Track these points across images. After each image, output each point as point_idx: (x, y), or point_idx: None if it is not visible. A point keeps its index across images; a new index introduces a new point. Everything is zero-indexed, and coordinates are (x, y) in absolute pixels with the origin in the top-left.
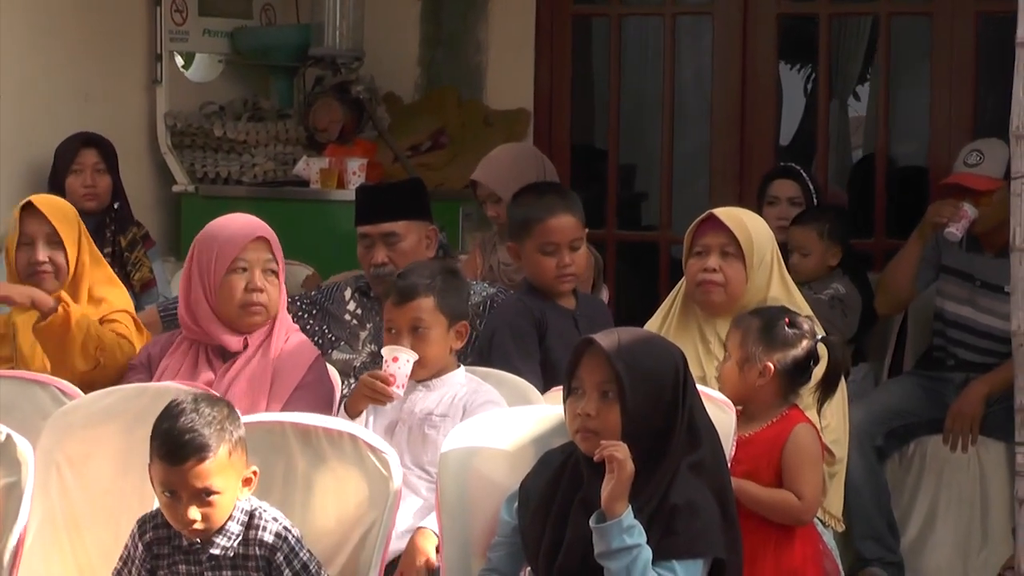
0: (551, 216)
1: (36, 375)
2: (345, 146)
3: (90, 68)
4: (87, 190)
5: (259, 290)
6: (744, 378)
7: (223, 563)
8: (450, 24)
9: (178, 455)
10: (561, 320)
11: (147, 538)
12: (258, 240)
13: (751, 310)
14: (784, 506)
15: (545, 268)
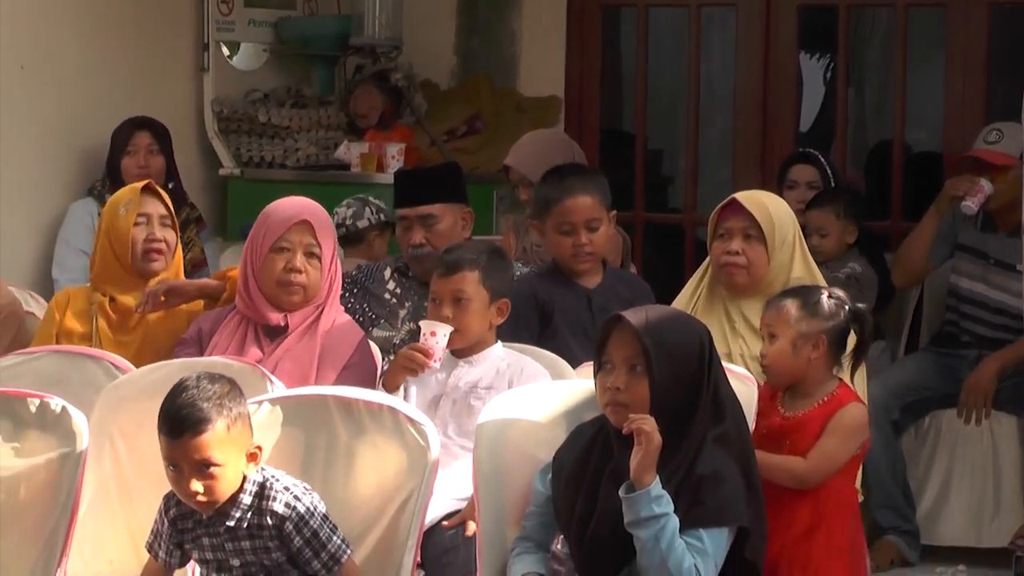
0: (568, 196)
1: (90, 350)
2: (384, 131)
3: (141, 57)
4: (141, 170)
5: (297, 271)
6: (798, 355)
7: (239, 533)
8: (485, 15)
9: (177, 429)
10: (572, 301)
11: (171, 514)
12: (301, 223)
13: (782, 291)
14: (786, 469)
15: (562, 247)
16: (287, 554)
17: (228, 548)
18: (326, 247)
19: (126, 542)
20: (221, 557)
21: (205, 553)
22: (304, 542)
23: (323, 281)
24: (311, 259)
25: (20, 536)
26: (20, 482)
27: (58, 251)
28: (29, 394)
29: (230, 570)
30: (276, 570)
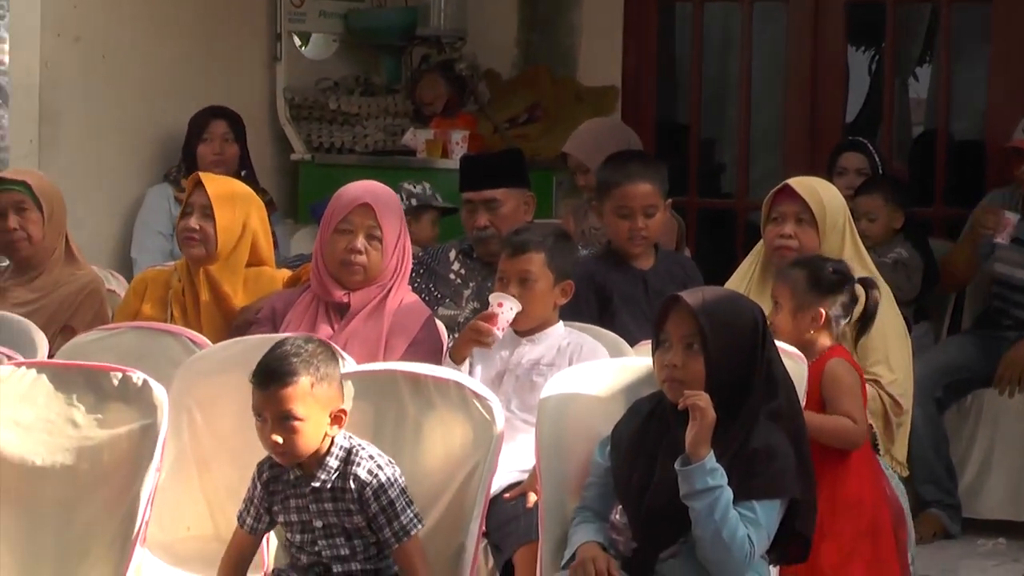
0: (628, 182)
1: (168, 326)
2: (449, 119)
3: (216, 47)
4: (216, 157)
5: (357, 251)
6: (798, 326)
7: (323, 495)
8: (546, 7)
9: (265, 380)
10: (628, 283)
11: (264, 477)
12: (363, 206)
13: (793, 261)
14: (842, 431)
15: (620, 230)
16: (365, 519)
17: (312, 509)
18: (388, 230)
19: (203, 510)
20: (305, 518)
21: (290, 515)
22: (380, 509)
23: (386, 262)
24: (372, 241)
25: (102, 503)
26: (103, 452)
27: (136, 233)
28: (112, 368)
29: (312, 531)
30: (355, 533)
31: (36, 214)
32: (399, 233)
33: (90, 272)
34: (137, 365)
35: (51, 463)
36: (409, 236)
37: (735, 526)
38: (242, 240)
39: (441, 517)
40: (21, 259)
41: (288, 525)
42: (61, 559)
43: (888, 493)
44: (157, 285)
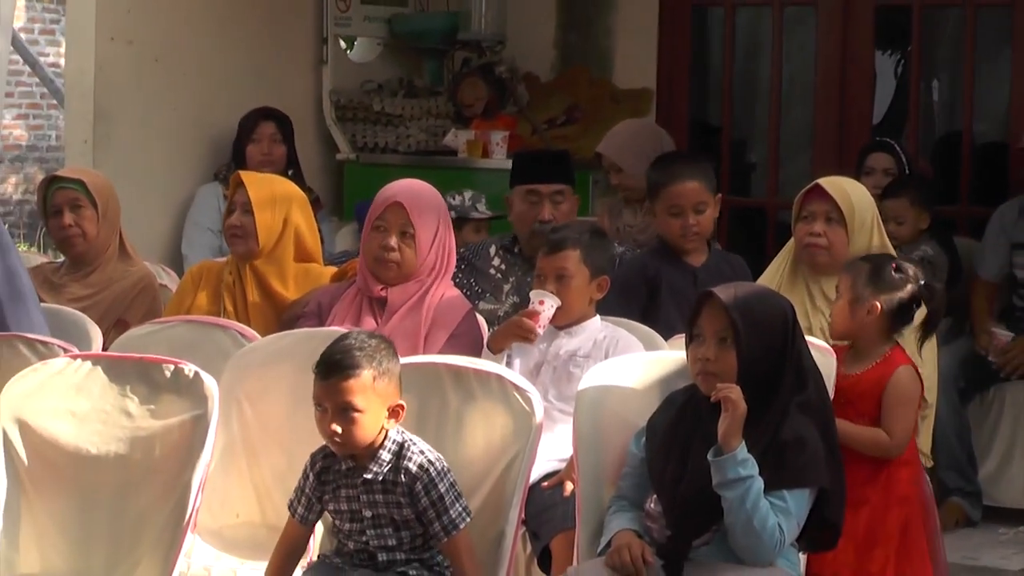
0: (677, 181)
1: (219, 320)
2: (489, 120)
3: (265, 50)
4: (264, 157)
5: (390, 248)
6: (853, 315)
7: (375, 487)
8: (583, 12)
9: (327, 371)
10: (679, 277)
11: (317, 468)
12: (396, 205)
13: (862, 256)
14: (874, 442)
15: (672, 227)
16: (415, 512)
17: (363, 500)
18: (422, 229)
19: (251, 497)
20: (355, 508)
21: (340, 504)
22: (430, 503)
23: (421, 259)
24: (405, 238)
25: (155, 491)
26: (155, 441)
27: (187, 229)
28: (165, 360)
29: (361, 520)
30: (403, 524)
31: (91, 211)
32: (435, 231)
33: (143, 268)
34: (188, 357)
35: (105, 452)
36: (453, 235)
37: (765, 514)
38: (284, 236)
39: (482, 505)
40: (76, 255)
41: (337, 514)
42: (114, 544)
43: (924, 478)
44: (212, 276)
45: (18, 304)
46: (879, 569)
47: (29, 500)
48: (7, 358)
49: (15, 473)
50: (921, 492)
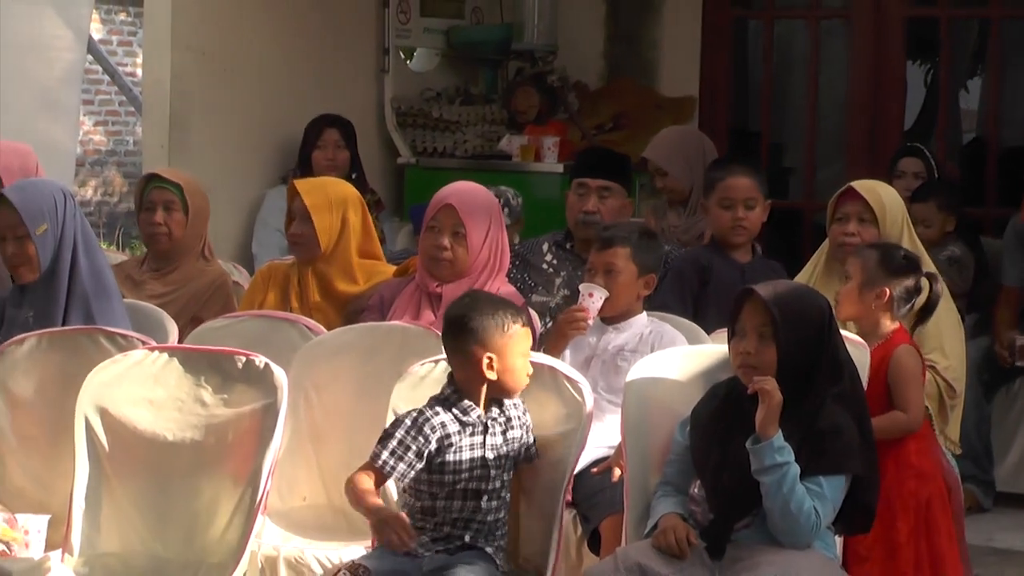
0: (731, 176)
1: (287, 314)
2: (541, 126)
3: (330, 59)
4: (328, 162)
5: (443, 248)
6: (862, 299)
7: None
8: (629, 24)
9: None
10: (728, 271)
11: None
12: (448, 207)
13: (871, 244)
14: (894, 425)
15: (723, 220)
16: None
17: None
18: (473, 228)
19: (317, 481)
20: (478, 455)
21: (463, 453)
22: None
23: (473, 258)
24: (457, 238)
25: (228, 475)
26: (228, 429)
27: (257, 230)
28: (237, 352)
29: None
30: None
31: (181, 215)
32: (487, 230)
33: (219, 268)
34: (259, 350)
35: (181, 438)
36: (506, 234)
37: (802, 499)
38: (344, 235)
39: (535, 488)
40: (159, 251)
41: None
42: (190, 526)
43: (945, 465)
44: (279, 276)
45: (103, 300)
46: (906, 540)
47: (109, 483)
48: (90, 350)
49: (96, 458)
50: (939, 470)
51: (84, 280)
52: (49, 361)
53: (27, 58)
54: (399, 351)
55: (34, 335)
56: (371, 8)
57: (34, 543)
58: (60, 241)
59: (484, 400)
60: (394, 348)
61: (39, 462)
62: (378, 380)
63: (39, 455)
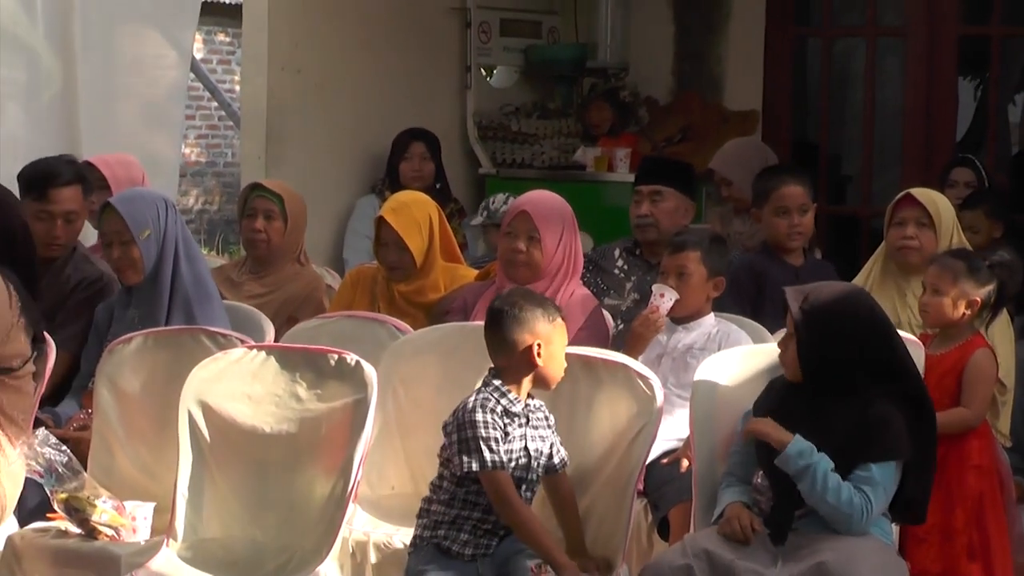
0: (784, 185)
1: (376, 315)
2: (613, 139)
3: (415, 77)
4: (415, 173)
5: (518, 251)
6: (956, 311)
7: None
8: (696, 43)
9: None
10: (783, 274)
11: (499, 411)
12: (523, 214)
13: (950, 253)
14: (959, 419)
15: (778, 227)
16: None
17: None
18: (547, 233)
19: (405, 472)
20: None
21: (514, 443)
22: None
23: (547, 261)
24: (532, 243)
25: (321, 466)
26: (322, 422)
27: (348, 237)
28: (330, 350)
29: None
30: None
31: (280, 224)
32: (560, 235)
33: (312, 272)
34: (350, 348)
35: (277, 431)
36: (580, 239)
37: (838, 490)
38: (432, 246)
39: (607, 477)
40: (257, 256)
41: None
42: (285, 513)
43: (1001, 461)
44: (367, 280)
45: (203, 301)
46: (962, 527)
47: (211, 473)
48: (193, 348)
49: (199, 449)
50: (995, 465)
51: (185, 282)
52: (155, 359)
53: (134, 76)
54: (480, 349)
55: (140, 334)
56: (454, 28)
57: (141, 529)
58: (162, 246)
59: (525, 392)
60: (476, 346)
61: (145, 453)
62: (461, 376)
63: (145, 447)
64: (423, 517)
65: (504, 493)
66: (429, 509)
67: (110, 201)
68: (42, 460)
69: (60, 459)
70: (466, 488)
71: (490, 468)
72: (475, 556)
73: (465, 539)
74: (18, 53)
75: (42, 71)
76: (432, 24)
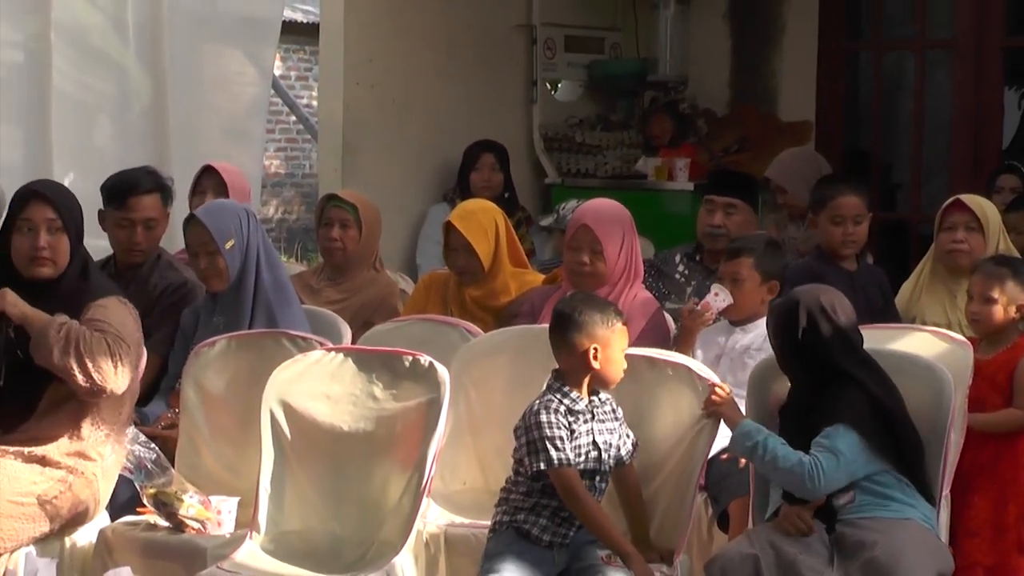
0: (841, 195)
1: (448, 318)
2: (673, 149)
3: (484, 91)
4: (484, 183)
5: (583, 264)
6: (1006, 316)
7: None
8: (752, 57)
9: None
10: (840, 279)
11: (563, 410)
12: (584, 227)
13: (993, 260)
14: (1010, 420)
15: (834, 235)
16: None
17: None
18: (609, 243)
19: (476, 468)
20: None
21: (581, 438)
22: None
23: (610, 268)
24: (595, 254)
25: (397, 462)
26: (397, 420)
27: (420, 243)
28: (404, 352)
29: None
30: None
31: (355, 232)
32: (621, 241)
33: (387, 278)
34: (423, 350)
35: (355, 429)
36: (637, 240)
37: (787, 456)
38: (499, 250)
39: (670, 471)
40: (334, 264)
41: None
42: (363, 507)
43: None
44: (439, 285)
45: (284, 306)
46: (1013, 522)
47: (292, 469)
48: (274, 350)
49: (280, 446)
50: None
51: (267, 289)
52: (238, 361)
53: (217, 93)
54: (547, 350)
55: (224, 337)
56: (521, 45)
57: (225, 522)
58: (245, 255)
59: (587, 390)
60: (543, 348)
61: (229, 450)
62: (529, 376)
63: (229, 444)
64: (502, 504)
65: (572, 488)
66: (508, 498)
67: (195, 213)
68: (132, 457)
69: (149, 456)
70: (542, 481)
71: (557, 466)
72: (552, 544)
73: (544, 524)
74: (109, 69)
75: (132, 86)
76: (500, 41)
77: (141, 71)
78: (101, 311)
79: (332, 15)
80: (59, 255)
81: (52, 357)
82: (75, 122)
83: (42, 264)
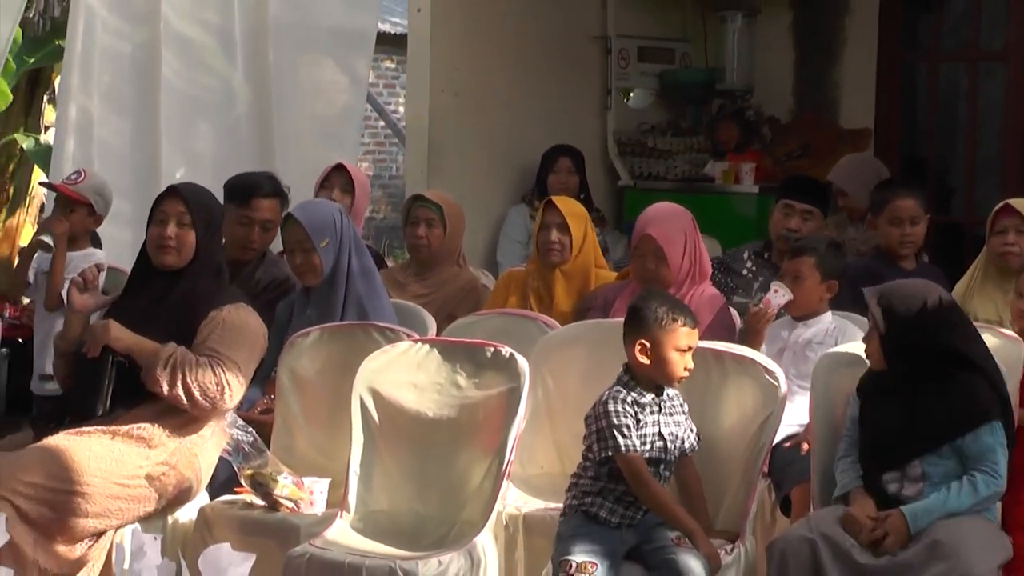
0: (898, 198)
1: (527, 312)
2: (740, 154)
3: (561, 99)
4: (561, 186)
5: (648, 269)
6: None
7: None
8: (814, 67)
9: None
10: (899, 278)
11: (630, 400)
12: (647, 236)
13: None
14: None
15: (892, 236)
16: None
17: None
18: (671, 247)
19: (552, 453)
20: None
21: (647, 428)
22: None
23: (675, 269)
24: (660, 262)
25: (479, 447)
26: (479, 408)
27: (501, 241)
28: (486, 344)
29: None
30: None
31: (439, 230)
32: (684, 245)
33: (470, 274)
34: (504, 342)
35: (440, 416)
36: (701, 240)
37: (961, 496)
38: (586, 243)
39: (736, 460)
40: (420, 260)
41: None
42: (446, 489)
43: None
44: (519, 281)
45: (374, 300)
46: None
47: (379, 453)
48: (364, 341)
49: (369, 431)
50: None
51: (358, 284)
52: (330, 350)
53: (312, 100)
54: (619, 343)
55: (317, 328)
56: (597, 55)
57: (318, 502)
58: (338, 252)
59: (651, 385)
60: (614, 341)
61: (321, 434)
62: (603, 367)
63: (321, 428)
64: (572, 490)
65: (638, 473)
66: (577, 483)
67: (292, 212)
68: (231, 440)
69: (246, 439)
70: (609, 467)
71: (623, 452)
72: (620, 525)
73: (611, 507)
74: (210, 78)
75: (231, 93)
76: (577, 51)
77: (243, 81)
78: (219, 328)
79: (420, 28)
80: (184, 246)
81: (161, 391)
82: (181, 121)
83: (167, 252)
